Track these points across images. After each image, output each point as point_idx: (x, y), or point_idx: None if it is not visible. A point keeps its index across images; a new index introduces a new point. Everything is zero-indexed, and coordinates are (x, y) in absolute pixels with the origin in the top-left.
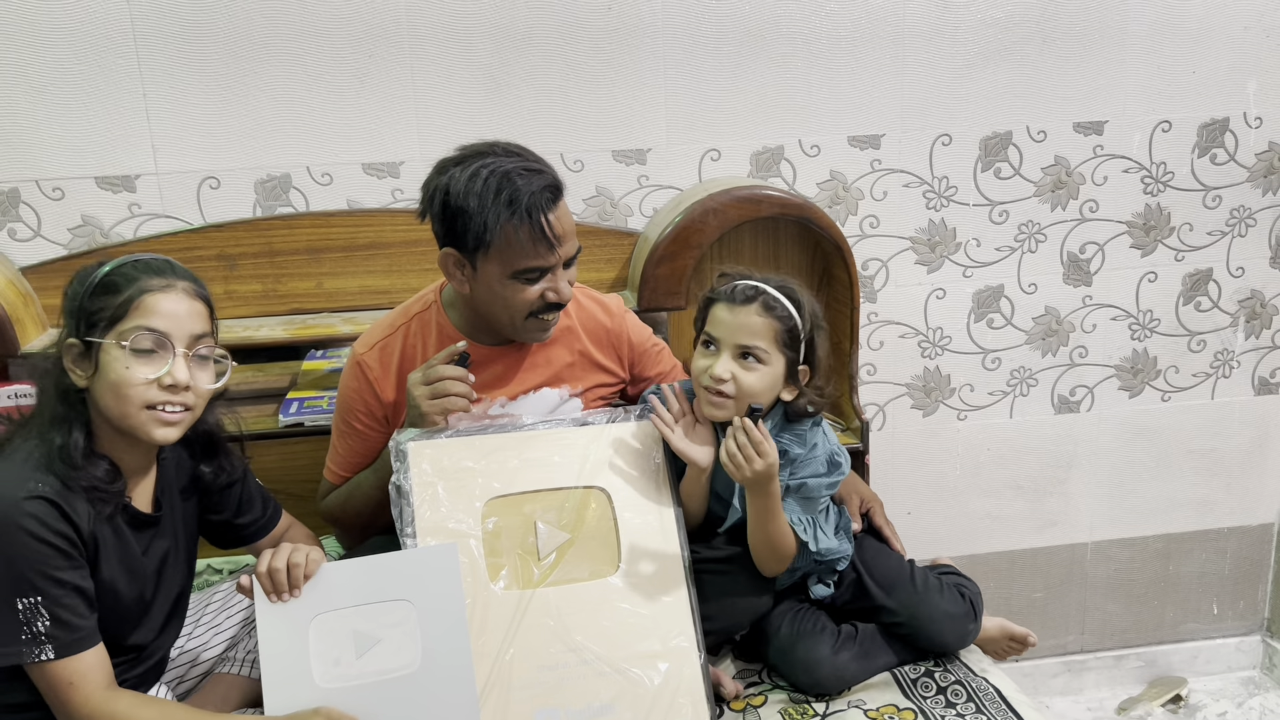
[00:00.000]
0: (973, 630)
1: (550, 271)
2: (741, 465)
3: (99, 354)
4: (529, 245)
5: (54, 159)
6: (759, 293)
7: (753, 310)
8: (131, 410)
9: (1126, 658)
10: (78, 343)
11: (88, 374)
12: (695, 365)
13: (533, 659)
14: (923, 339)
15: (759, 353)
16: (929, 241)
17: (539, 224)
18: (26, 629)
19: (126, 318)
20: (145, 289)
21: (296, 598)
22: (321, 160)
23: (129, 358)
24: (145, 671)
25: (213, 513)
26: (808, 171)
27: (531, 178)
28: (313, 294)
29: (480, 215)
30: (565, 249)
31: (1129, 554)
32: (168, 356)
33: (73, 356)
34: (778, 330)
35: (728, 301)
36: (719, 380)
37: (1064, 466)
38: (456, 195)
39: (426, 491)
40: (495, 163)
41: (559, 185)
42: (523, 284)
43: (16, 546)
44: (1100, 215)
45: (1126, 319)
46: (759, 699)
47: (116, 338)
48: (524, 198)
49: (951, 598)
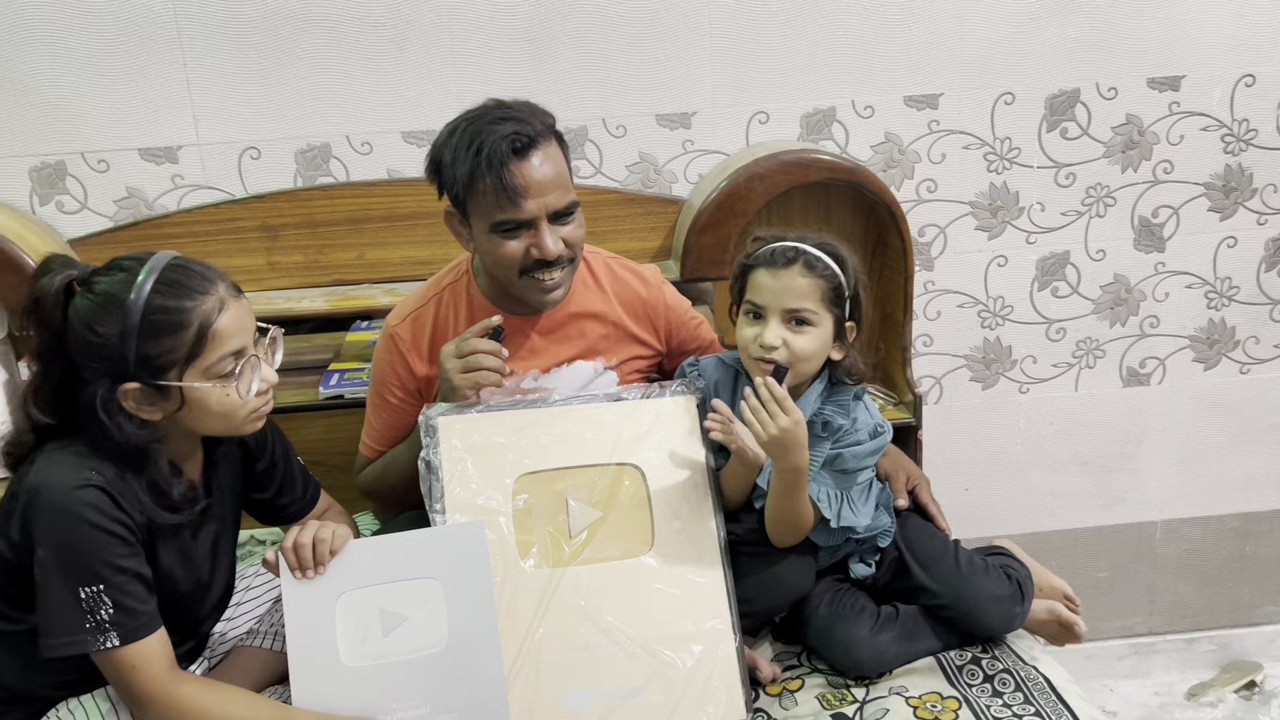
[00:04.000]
0: (1019, 614)
1: (531, 226)
2: (766, 423)
3: (184, 393)
4: (494, 196)
5: (98, 131)
6: (800, 253)
7: (796, 272)
8: (237, 423)
9: (1198, 641)
10: (139, 387)
11: (169, 411)
12: (742, 335)
13: (562, 639)
14: (983, 308)
15: (808, 314)
16: (990, 206)
17: (498, 174)
18: (91, 617)
19: (205, 353)
20: (207, 317)
21: (322, 574)
22: (361, 129)
23: (226, 386)
24: (192, 648)
25: (256, 491)
26: (861, 134)
27: (500, 126)
28: (354, 265)
29: (452, 168)
30: (542, 201)
31: (1202, 533)
32: (252, 365)
33: (133, 399)
34: (824, 289)
35: (769, 266)
36: (769, 348)
37: (1133, 442)
38: (437, 149)
39: (456, 467)
40: (474, 115)
41: (533, 135)
42: (503, 238)
43: (77, 536)
44: (1175, 177)
45: (1203, 287)
46: (796, 683)
47: (202, 376)
48: (485, 147)
49: (997, 579)
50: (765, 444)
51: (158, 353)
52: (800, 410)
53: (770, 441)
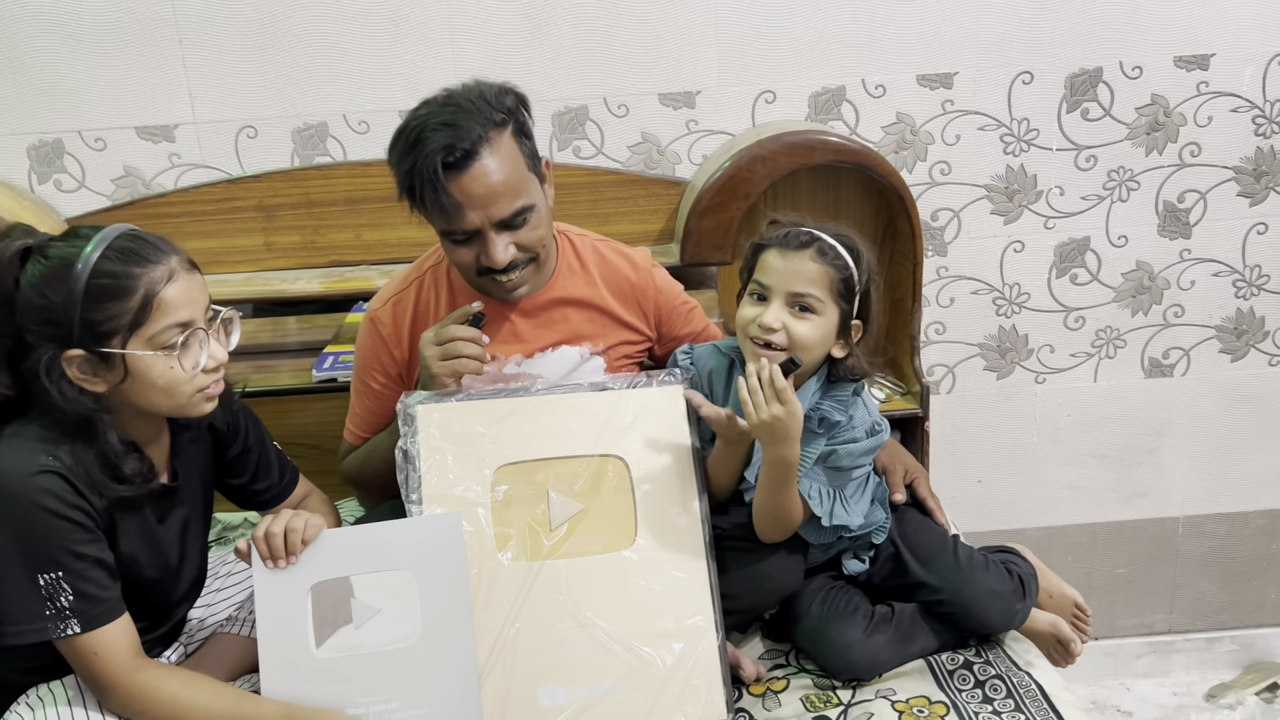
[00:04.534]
0: (1020, 611)
1: (477, 234)
2: (760, 407)
3: (126, 361)
4: (433, 209)
5: (95, 109)
6: (814, 239)
7: (807, 256)
8: (183, 400)
9: (1220, 640)
10: (83, 354)
11: (113, 381)
12: (741, 315)
13: (539, 634)
14: (998, 295)
15: (812, 301)
16: (1006, 190)
17: (432, 191)
18: (50, 604)
19: (149, 322)
20: (154, 285)
21: (294, 564)
22: (358, 107)
23: (169, 358)
24: (165, 633)
25: (230, 476)
26: (871, 114)
27: (436, 135)
28: (351, 245)
29: (396, 169)
30: (484, 213)
31: (1227, 529)
32: (199, 340)
33: (78, 366)
34: (833, 279)
35: (780, 247)
36: (768, 329)
37: (1154, 435)
38: (390, 148)
39: (434, 457)
40: (422, 114)
41: (470, 145)
42: (453, 244)
43: (34, 523)
44: (1203, 160)
45: (1230, 275)
46: (781, 684)
47: (146, 344)
48: (418, 161)
49: (998, 574)
50: (755, 427)
51: (102, 318)
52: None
53: (760, 426)
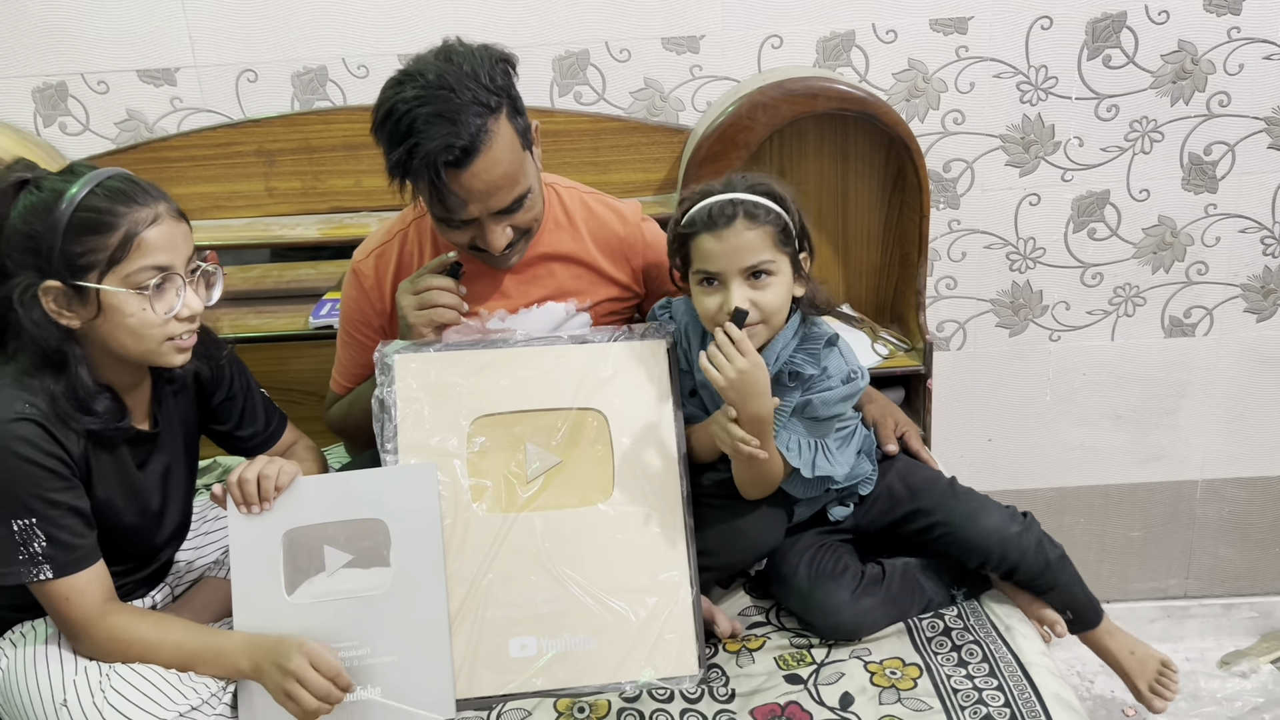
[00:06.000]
0: (1016, 532)
1: (474, 221)
2: (723, 366)
3: (100, 297)
4: (431, 200)
5: (97, 51)
6: (736, 205)
7: (740, 227)
8: (152, 346)
9: (1237, 607)
10: (60, 285)
11: (86, 317)
12: (704, 308)
13: (511, 585)
14: (1012, 250)
15: (765, 265)
16: (1022, 140)
17: (431, 185)
18: (24, 549)
19: (127, 259)
20: (136, 225)
21: (268, 510)
22: (357, 51)
23: (142, 299)
24: (150, 575)
25: (215, 423)
26: (882, 60)
27: (433, 128)
28: (352, 192)
29: (388, 157)
30: (484, 205)
31: (1248, 494)
32: (176, 287)
33: (54, 298)
34: (773, 234)
35: (709, 230)
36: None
37: (1173, 396)
38: (375, 125)
39: (410, 407)
40: (413, 99)
41: (469, 141)
42: (446, 227)
43: (8, 470)
44: (1232, 110)
45: (1258, 231)
46: (757, 642)
47: (121, 282)
48: (416, 156)
49: (994, 504)
50: (723, 389)
51: (80, 251)
52: (765, 359)
53: (728, 386)
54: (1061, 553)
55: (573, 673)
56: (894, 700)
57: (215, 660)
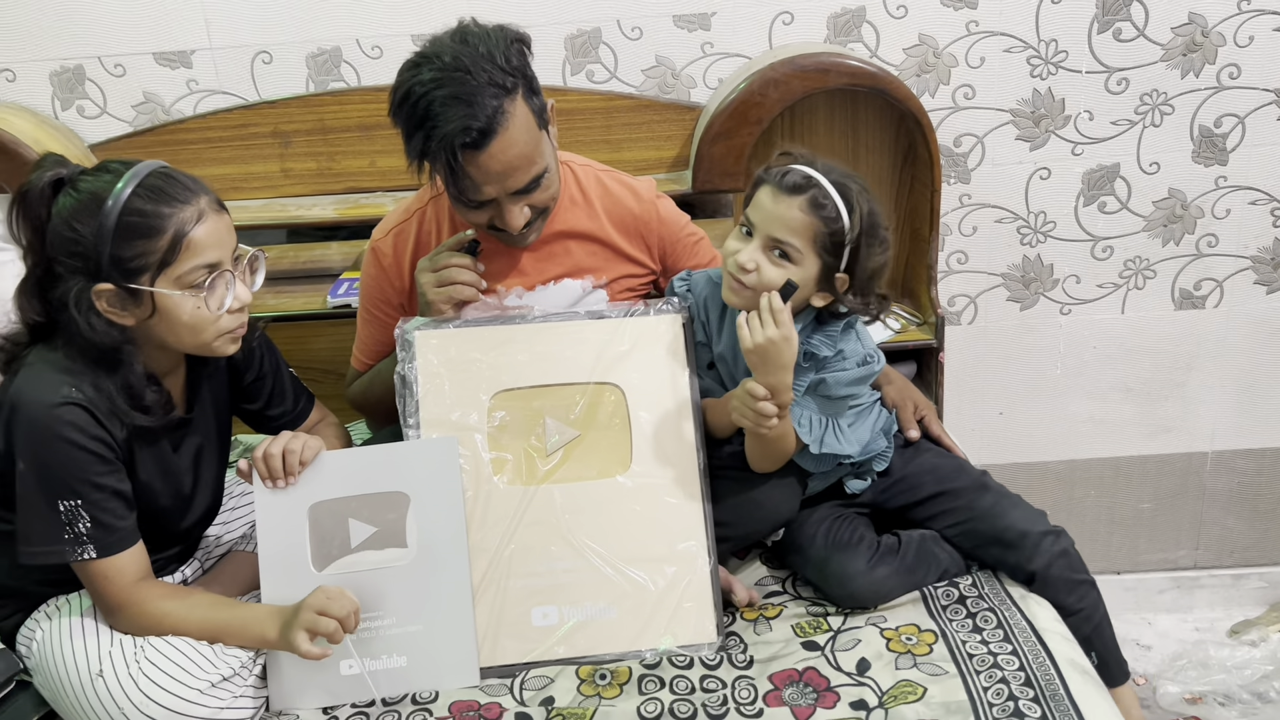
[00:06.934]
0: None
1: (492, 201)
2: (755, 329)
3: (154, 299)
4: (449, 182)
5: (113, 35)
6: (809, 185)
7: (796, 204)
8: (207, 340)
9: (1246, 577)
10: (113, 288)
11: (140, 317)
12: (726, 245)
13: (532, 556)
14: (1022, 224)
15: (790, 249)
16: (1032, 114)
17: (449, 168)
18: (69, 529)
19: (178, 261)
20: (183, 225)
21: (293, 484)
22: (371, 32)
23: (196, 298)
24: (179, 552)
25: (246, 402)
26: (892, 36)
27: (449, 110)
28: (367, 172)
29: (406, 140)
30: (501, 186)
31: (1257, 466)
32: (226, 281)
33: (107, 300)
34: (817, 231)
35: (774, 186)
36: (743, 269)
37: (1183, 368)
38: (393, 107)
39: (431, 383)
40: (429, 82)
41: (486, 123)
42: (463, 207)
43: (56, 454)
44: (1242, 83)
45: (1269, 203)
46: (774, 610)
47: (173, 283)
48: (433, 140)
49: (1026, 504)
50: (748, 352)
51: (130, 255)
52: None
53: (753, 350)
54: (1092, 581)
55: (594, 641)
56: (910, 665)
57: (243, 631)
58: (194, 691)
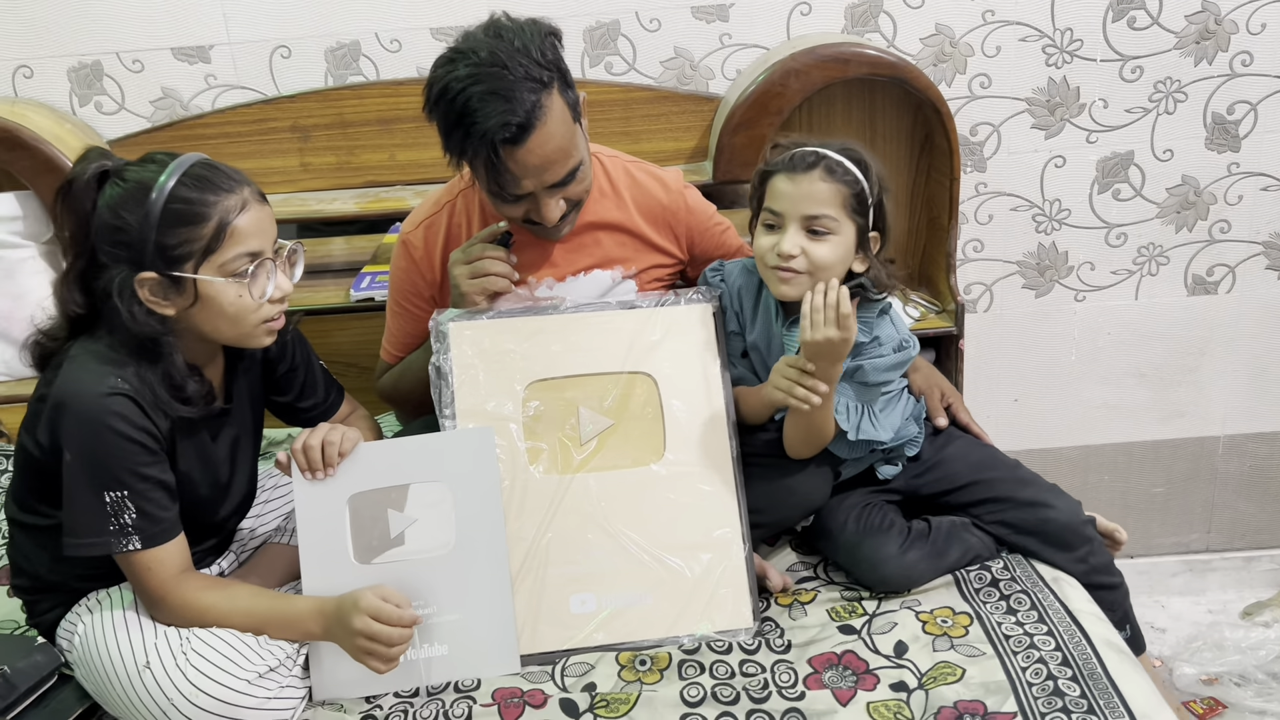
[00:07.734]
0: (1084, 520)
1: (529, 195)
2: (818, 325)
3: (197, 287)
4: (487, 177)
5: (131, 30)
6: (820, 158)
7: (815, 177)
8: (247, 329)
9: (1258, 560)
10: (156, 276)
11: (182, 305)
12: (759, 244)
13: (570, 544)
14: (1038, 212)
15: (827, 221)
16: (1048, 103)
17: (488, 162)
18: (114, 520)
19: (221, 249)
20: (227, 214)
21: (332, 476)
22: (390, 25)
23: (239, 286)
24: (216, 545)
25: (277, 394)
26: (909, 25)
27: (488, 105)
28: (386, 166)
29: (444, 136)
30: (539, 180)
31: (1269, 450)
32: (267, 271)
33: (150, 288)
34: (845, 195)
35: (787, 171)
36: (787, 256)
37: (1195, 354)
38: (429, 103)
39: (466, 373)
40: (466, 77)
41: (525, 117)
42: (499, 201)
43: (104, 444)
44: (1255, 69)
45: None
46: (809, 595)
47: (217, 271)
48: (473, 135)
49: (1063, 493)
50: (807, 342)
51: (175, 243)
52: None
53: (812, 342)
54: (1121, 578)
55: (632, 627)
56: (947, 647)
57: (285, 625)
58: (241, 682)
